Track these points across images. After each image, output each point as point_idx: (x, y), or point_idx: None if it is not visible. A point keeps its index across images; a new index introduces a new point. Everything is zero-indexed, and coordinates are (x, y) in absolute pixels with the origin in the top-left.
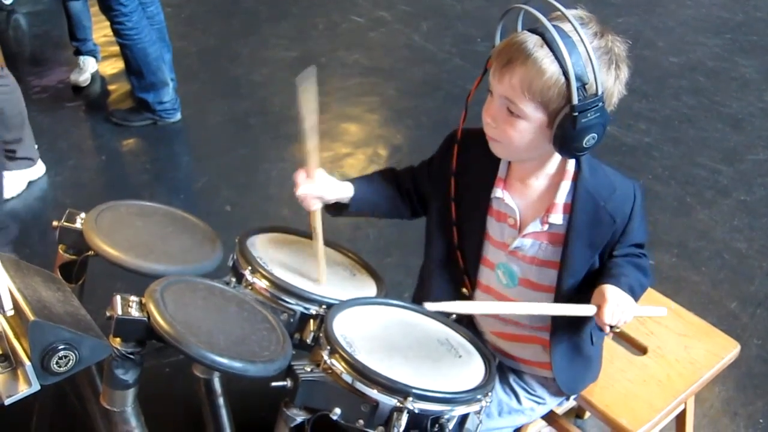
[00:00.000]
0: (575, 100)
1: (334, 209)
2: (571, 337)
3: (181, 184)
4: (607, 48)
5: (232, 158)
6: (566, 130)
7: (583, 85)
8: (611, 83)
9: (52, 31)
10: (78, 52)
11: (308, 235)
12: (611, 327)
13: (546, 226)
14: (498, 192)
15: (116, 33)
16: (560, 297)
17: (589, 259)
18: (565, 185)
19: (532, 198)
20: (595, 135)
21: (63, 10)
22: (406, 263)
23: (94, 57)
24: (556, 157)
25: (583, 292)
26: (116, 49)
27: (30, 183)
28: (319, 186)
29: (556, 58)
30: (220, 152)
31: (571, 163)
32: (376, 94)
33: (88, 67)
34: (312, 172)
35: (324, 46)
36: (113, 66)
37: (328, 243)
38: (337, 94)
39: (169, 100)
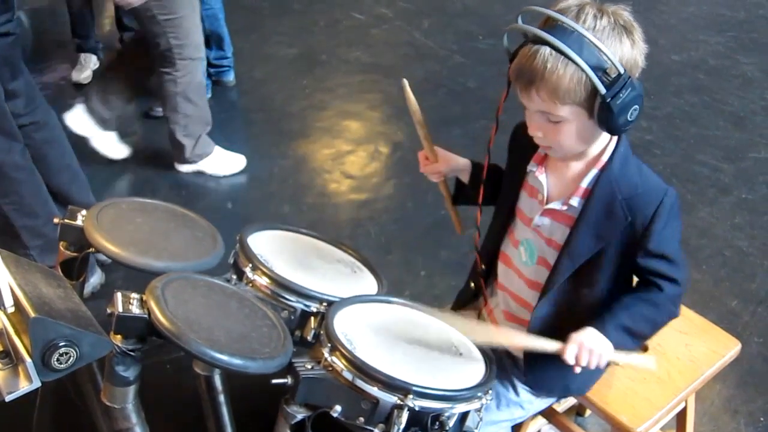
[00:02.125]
0: (602, 90)
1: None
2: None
3: (183, 181)
4: (612, 23)
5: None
6: (607, 116)
7: (603, 71)
8: (629, 52)
9: (54, 27)
10: (79, 49)
11: (308, 232)
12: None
13: (565, 207)
14: (532, 165)
15: None
16: (554, 277)
17: (591, 248)
18: (593, 172)
19: (565, 178)
20: (636, 107)
21: (65, 7)
22: (407, 261)
23: (96, 54)
24: (600, 141)
25: (579, 283)
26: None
27: None
28: (437, 165)
29: (569, 59)
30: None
31: (607, 153)
32: (377, 91)
33: (90, 65)
34: (429, 153)
35: (325, 43)
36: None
37: (328, 241)
38: (338, 91)
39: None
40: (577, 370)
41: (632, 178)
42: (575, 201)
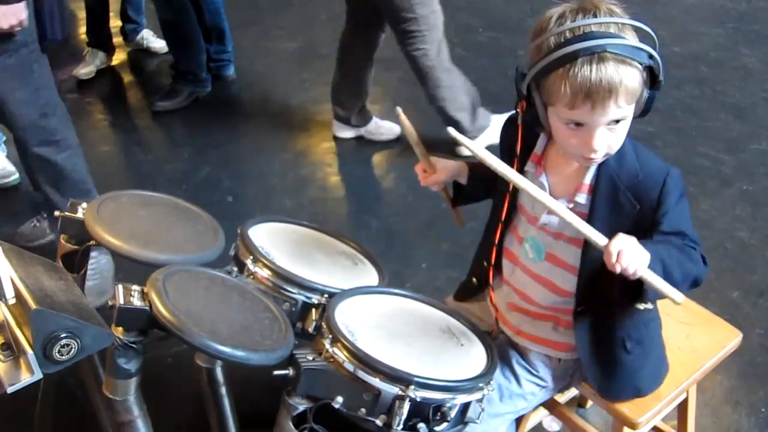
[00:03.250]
0: (660, 77)
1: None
2: (596, 325)
3: (183, 175)
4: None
5: (234, 149)
6: (649, 103)
7: (650, 56)
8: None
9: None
10: (87, 43)
11: (308, 225)
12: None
13: (572, 205)
14: (529, 166)
15: None
16: (584, 274)
17: None
18: (593, 167)
19: (566, 175)
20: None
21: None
22: (407, 253)
23: (105, 51)
24: None
25: (607, 274)
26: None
27: None
28: (437, 176)
29: (630, 57)
30: (222, 143)
31: None
32: (378, 84)
33: (95, 60)
34: (428, 167)
35: (326, 36)
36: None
37: (329, 233)
38: None
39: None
40: (613, 258)
41: (631, 166)
42: (582, 198)
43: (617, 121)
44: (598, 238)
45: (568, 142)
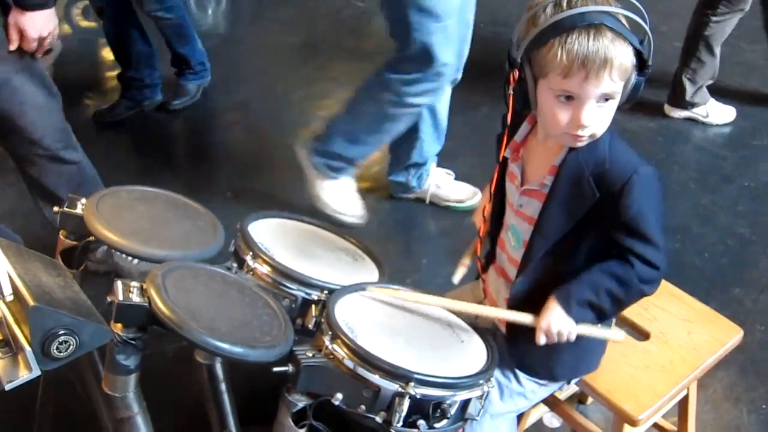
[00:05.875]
0: (646, 56)
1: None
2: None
3: (183, 170)
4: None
5: (233, 144)
6: (639, 84)
7: (641, 41)
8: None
9: None
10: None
11: (309, 220)
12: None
13: (540, 188)
14: (507, 152)
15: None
16: (528, 256)
17: (562, 225)
18: (564, 150)
19: (540, 160)
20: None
21: None
22: (408, 249)
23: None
24: None
25: (555, 260)
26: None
27: None
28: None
29: (624, 35)
30: (221, 138)
31: None
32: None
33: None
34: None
35: (326, 31)
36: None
37: (330, 229)
38: (339, 79)
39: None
40: (542, 341)
41: (600, 154)
42: (549, 180)
43: (607, 100)
44: (523, 318)
45: (555, 119)
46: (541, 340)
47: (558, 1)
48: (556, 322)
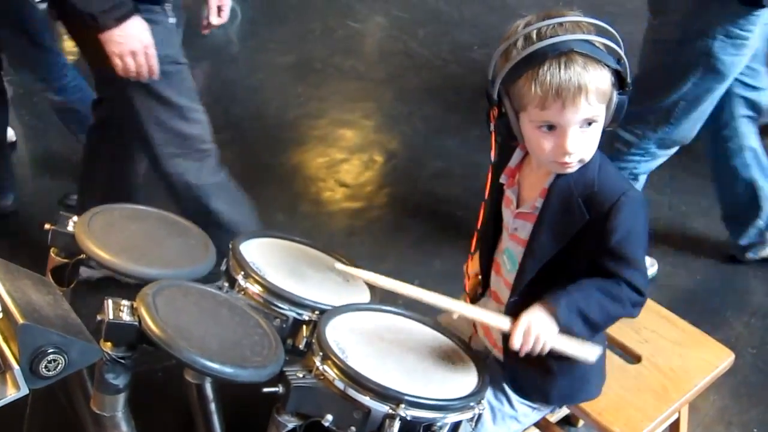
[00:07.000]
0: (630, 80)
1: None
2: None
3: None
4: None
5: (226, 163)
6: (622, 106)
7: (618, 60)
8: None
9: None
10: None
11: (301, 240)
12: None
13: (533, 209)
14: (502, 178)
15: None
16: (521, 278)
17: (552, 247)
18: (554, 173)
19: (532, 184)
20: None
21: None
22: (400, 270)
23: None
24: None
25: (547, 282)
26: None
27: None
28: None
29: (598, 58)
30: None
31: None
32: (372, 100)
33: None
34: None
35: (320, 51)
36: None
37: (321, 249)
38: (333, 99)
39: None
40: (516, 345)
41: (589, 177)
42: (539, 202)
43: (590, 124)
44: (500, 323)
45: (542, 149)
46: (517, 340)
47: (528, 34)
48: (537, 323)
